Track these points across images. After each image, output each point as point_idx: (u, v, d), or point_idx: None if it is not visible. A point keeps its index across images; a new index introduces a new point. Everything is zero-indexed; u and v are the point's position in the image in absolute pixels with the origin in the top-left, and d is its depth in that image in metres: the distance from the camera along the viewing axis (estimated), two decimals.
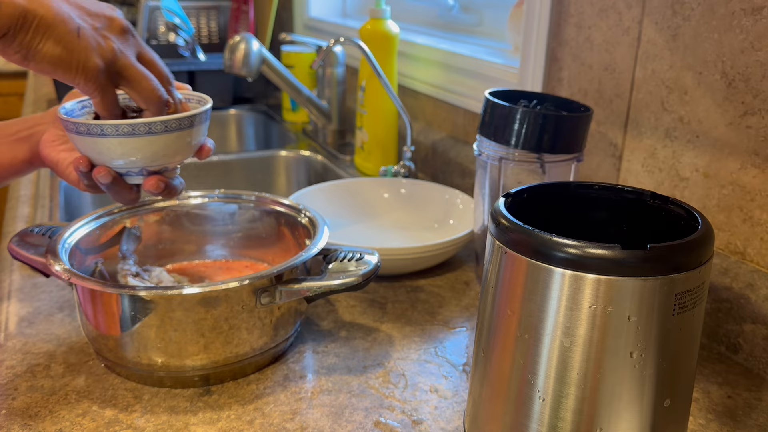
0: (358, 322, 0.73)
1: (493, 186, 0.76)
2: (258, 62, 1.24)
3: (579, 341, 0.43)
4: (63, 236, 0.67)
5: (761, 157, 0.65)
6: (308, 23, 1.79)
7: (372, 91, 1.18)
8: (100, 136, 0.54)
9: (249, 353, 0.62)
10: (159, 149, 0.56)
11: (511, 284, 0.45)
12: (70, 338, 0.69)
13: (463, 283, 0.83)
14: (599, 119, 0.83)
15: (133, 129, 0.54)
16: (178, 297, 0.58)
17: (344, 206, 1.00)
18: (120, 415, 0.58)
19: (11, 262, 0.83)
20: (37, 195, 1.07)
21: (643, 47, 0.76)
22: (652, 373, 0.43)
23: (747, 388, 0.63)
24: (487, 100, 0.75)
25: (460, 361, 0.67)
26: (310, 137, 1.49)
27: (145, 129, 0.54)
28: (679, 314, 0.43)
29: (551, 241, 0.42)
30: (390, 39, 1.15)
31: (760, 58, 0.63)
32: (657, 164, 0.76)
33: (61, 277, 0.60)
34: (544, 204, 0.52)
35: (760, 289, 0.65)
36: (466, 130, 1.14)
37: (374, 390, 0.62)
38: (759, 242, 0.66)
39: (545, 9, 0.88)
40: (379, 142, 1.20)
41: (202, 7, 1.93)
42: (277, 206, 0.78)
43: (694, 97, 0.71)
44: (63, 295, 0.77)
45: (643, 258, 0.41)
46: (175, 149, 0.57)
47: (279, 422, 0.57)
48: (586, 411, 0.44)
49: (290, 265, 0.62)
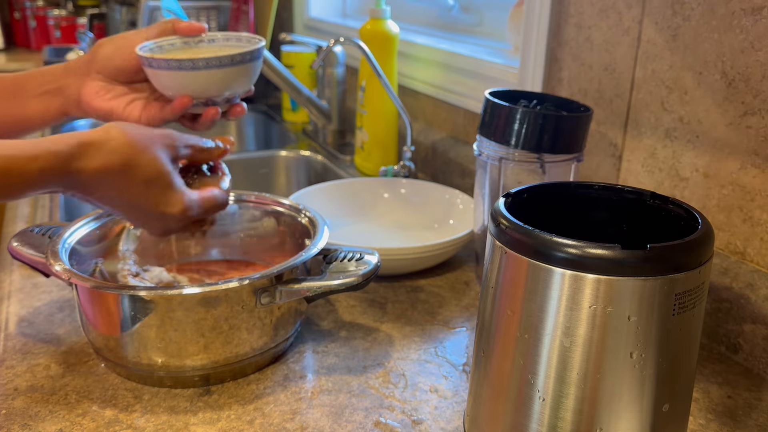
0: (358, 322, 0.73)
1: (493, 186, 0.76)
2: None
3: (579, 341, 0.43)
4: (63, 236, 0.67)
5: (761, 157, 0.65)
6: (308, 23, 1.79)
7: (372, 91, 1.18)
8: (191, 70, 0.64)
9: (249, 353, 0.62)
10: (228, 79, 0.67)
11: (511, 284, 0.45)
12: (70, 338, 0.69)
13: (463, 283, 0.83)
14: (599, 119, 0.83)
15: (207, 63, 0.65)
16: (178, 297, 0.58)
17: (344, 206, 1.00)
18: (120, 415, 0.58)
19: (11, 262, 0.83)
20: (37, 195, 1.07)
21: (643, 47, 0.76)
22: (652, 373, 0.43)
23: (747, 388, 0.63)
24: (487, 100, 0.75)
25: (460, 361, 0.67)
26: (310, 137, 1.49)
27: (216, 63, 0.65)
28: (679, 314, 0.43)
29: (551, 241, 0.42)
30: (390, 39, 1.15)
31: (760, 58, 0.63)
32: (657, 164, 0.76)
33: (61, 277, 0.60)
34: (544, 204, 0.52)
35: (760, 289, 0.65)
36: (466, 130, 1.14)
37: (374, 390, 0.62)
38: (759, 242, 0.66)
39: (545, 9, 0.88)
40: (379, 142, 1.20)
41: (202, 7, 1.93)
42: (277, 206, 0.78)
43: (694, 97, 0.71)
44: (63, 295, 0.77)
45: (643, 258, 0.41)
46: (239, 79, 0.68)
47: (279, 422, 0.57)
48: (586, 411, 0.44)
49: (290, 265, 0.62)
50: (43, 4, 2.81)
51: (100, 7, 2.83)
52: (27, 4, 2.78)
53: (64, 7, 2.86)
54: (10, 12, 2.87)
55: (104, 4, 2.84)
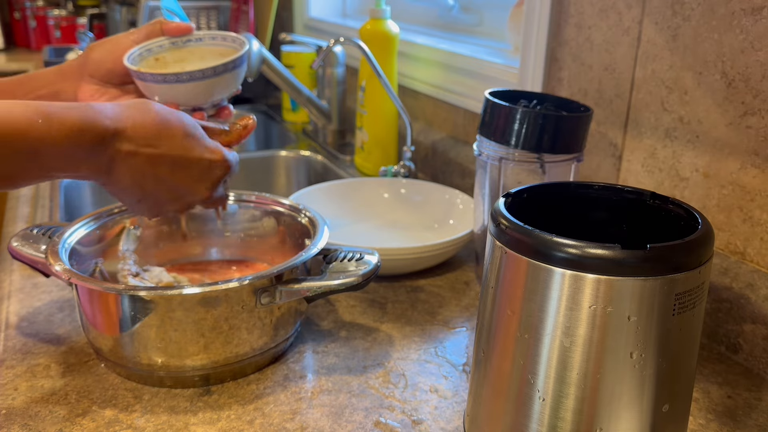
0: (358, 322, 0.73)
1: (493, 186, 0.76)
2: (258, 62, 1.24)
3: (579, 341, 0.43)
4: (63, 236, 0.67)
5: (761, 157, 0.65)
6: (308, 23, 1.79)
7: (372, 91, 1.18)
8: (176, 83, 0.67)
9: (249, 353, 0.62)
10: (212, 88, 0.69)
11: (511, 284, 0.45)
12: (70, 338, 0.69)
13: (463, 283, 0.83)
14: (599, 119, 0.83)
15: (191, 76, 0.67)
16: (178, 297, 0.58)
17: (344, 206, 1.00)
18: (120, 415, 0.58)
19: (11, 262, 0.83)
20: (37, 195, 1.07)
21: (643, 47, 0.76)
22: (652, 373, 0.43)
23: (747, 388, 0.63)
24: (487, 100, 0.75)
25: (460, 361, 0.67)
26: (310, 137, 1.49)
27: (200, 75, 0.67)
28: (679, 314, 0.43)
29: (551, 241, 0.42)
30: (390, 39, 1.15)
31: (760, 58, 0.63)
32: (657, 164, 0.76)
33: (61, 277, 0.60)
34: (544, 204, 0.52)
35: (760, 289, 0.65)
36: (466, 130, 1.14)
37: (374, 390, 0.62)
38: (759, 242, 0.66)
39: (545, 9, 0.88)
40: (379, 142, 1.20)
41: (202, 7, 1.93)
42: (277, 206, 0.79)
43: (694, 97, 0.71)
44: (63, 295, 0.77)
45: (643, 258, 0.41)
46: (223, 87, 0.70)
47: (279, 422, 0.57)
48: (586, 411, 0.44)
49: (290, 265, 0.62)
50: (43, 4, 2.81)
51: (100, 7, 2.83)
52: (27, 4, 2.78)
53: (64, 7, 2.87)
54: (10, 12, 2.87)
55: (104, 4, 2.84)
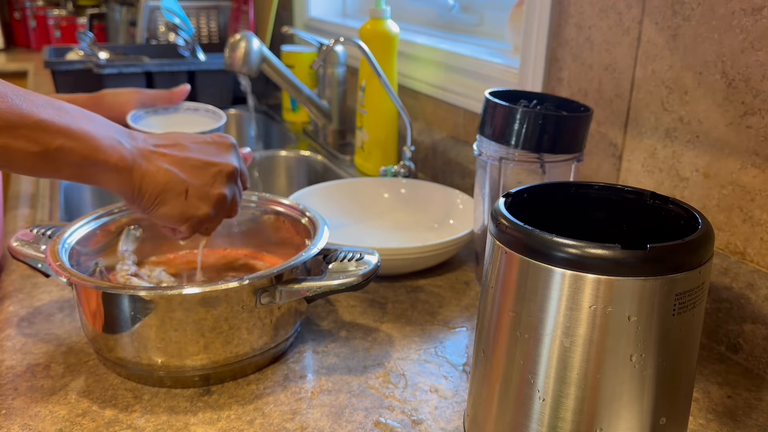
0: (358, 322, 0.73)
1: (493, 186, 0.76)
2: (258, 60, 1.24)
3: (579, 341, 0.43)
4: (63, 236, 0.67)
5: (761, 157, 0.65)
6: (308, 23, 1.79)
7: (372, 91, 1.18)
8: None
9: (249, 353, 0.62)
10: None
11: (511, 284, 0.45)
12: (70, 338, 0.69)
13: (463, 283, 0.83)
14: (599, 119, 0.83)
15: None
16: (178, 297, 0.58)
17: (344, 206, 1.00)
18: (120, 415, 0.58)
19: (11, 262, 0.83)
20: (37, 195, 1.07)
21: (643, 47, 0.76)
22: (652, 373, 0.43)
23: (747, 388, 0.63)
24: (487, 100, 0.75)
25: (460, 361, 0.67)
26: (310, 137, 1.49)
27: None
28: (679, 314, 0.43)
29: (551, 241, 0.42)
30: (390, 39, 1.15)
31: (760, 58, 0.63)
32: (657, 164, 0.76)
33: (61, 277, 0.60)
34: (544, 204, 0.52)
35: (760, 289, 0.65)
36: (466, 130, 1.14)
37: (374, 390, 0.62)
38: (759, 242, 0.66)
39: (545, 9, 0.88)
40: (379, 142, 1.20)
41: (202, 7, 1.94)
42: (278, 206, 0.78)
43: (694, 97, 0.71)
44: (63, 295, 0.77)
45: (643, 258, 0.41)
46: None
47: (279, 422, 0.57)
48: (586, 411, 0.44)
49: (290, 265, 0.62)
50: (43, 4, 2.82)
51: (100, 7, 2.84)
52: (27, 4, 2.78)
53: (64, 7, 2.87)
54: (10, 12, 2.87)
55: (104, 4, 2.84)
